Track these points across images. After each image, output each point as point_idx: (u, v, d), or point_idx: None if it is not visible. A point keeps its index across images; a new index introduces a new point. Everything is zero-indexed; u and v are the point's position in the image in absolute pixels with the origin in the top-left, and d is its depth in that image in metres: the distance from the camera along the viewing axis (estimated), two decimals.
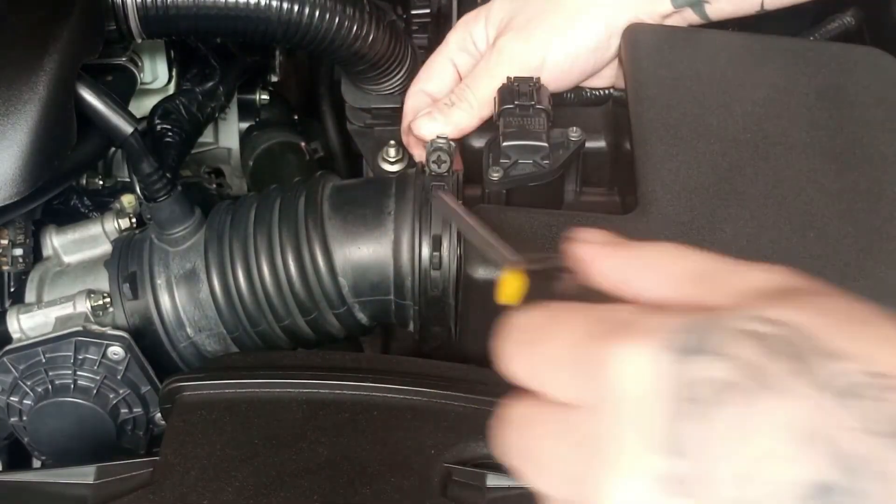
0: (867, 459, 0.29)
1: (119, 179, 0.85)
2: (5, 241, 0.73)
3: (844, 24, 0.78)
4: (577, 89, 0.75)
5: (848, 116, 0.65)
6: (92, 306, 0.69)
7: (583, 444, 0.33)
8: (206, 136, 0.91)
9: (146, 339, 0.69)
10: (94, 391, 0.68)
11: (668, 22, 0.71)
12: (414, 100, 0.74)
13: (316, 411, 0.57)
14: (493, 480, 0.53)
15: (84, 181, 0.82)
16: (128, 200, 0.76)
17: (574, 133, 0.67)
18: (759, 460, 0.30)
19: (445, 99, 0.71)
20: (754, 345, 0.31)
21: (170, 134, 0.78)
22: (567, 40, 0.69)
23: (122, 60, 0.78)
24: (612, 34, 0.70)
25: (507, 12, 0.72)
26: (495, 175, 0.65)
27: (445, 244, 0.63)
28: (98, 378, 0.67)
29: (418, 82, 0.75)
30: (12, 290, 0.74)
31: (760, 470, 0.30)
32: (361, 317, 0.68)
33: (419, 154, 0.71)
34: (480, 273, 0.60)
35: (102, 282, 0.71)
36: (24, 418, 0.69)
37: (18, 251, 0.73)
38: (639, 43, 0.69)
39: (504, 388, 0.36)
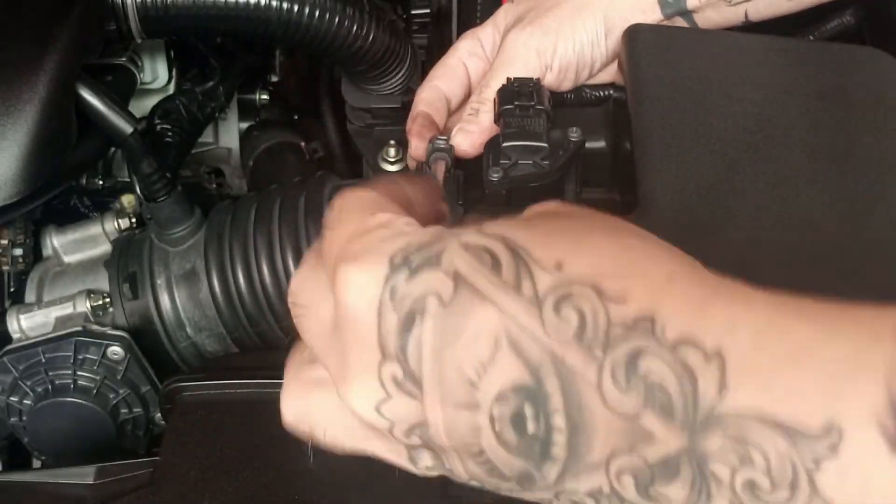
0: (545, 361, 0.33)
1: (119, 179, 0.85)
2: (5, 241, 0.73)
3: (843, 23, 0.78)
4: (578, 89, 0.75)
5: (848, 117, 0.65)
6: (92, 306, 0.69)
7: (336, 353, 0.38)
8: (206, 136, 0.91)
9: (146, 339, 0.69)
10: (94, 391, 0.68)
11: None
12: (427, 92, 0.74)
13: None
14: None
15: (84, 181, 0.82)
16: (128, 200, 0.76)
17: (574, 133, 0.67)
18: (461, 363, 0.34)
19: (468, 108, 0.71)
20: (466, 257, 0.35)
21: (170, 134, 0.78)
22: (573, 31, 0.70)
23: (122, 60, 0.78)
24: (607, 31, 0.71)
25: (514, 14, 0.73)
26: (495, 176, 0.65)
27: None
28: (98, 378, 0.68)
29: (433, 77, 0.74)
30: (12, 290, 0.74)
31: (464, 371, 0.34)
32: None
33: (416, 147, 0.71)
34: None
35: (102, 282, 0.71)
36: (24, 418, 0.69)
37: (18, 251, 0.73)
38: (639, 43, 0.69)
39: None
